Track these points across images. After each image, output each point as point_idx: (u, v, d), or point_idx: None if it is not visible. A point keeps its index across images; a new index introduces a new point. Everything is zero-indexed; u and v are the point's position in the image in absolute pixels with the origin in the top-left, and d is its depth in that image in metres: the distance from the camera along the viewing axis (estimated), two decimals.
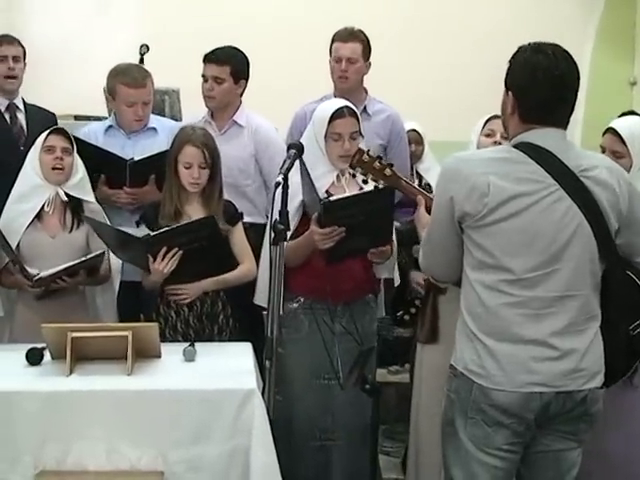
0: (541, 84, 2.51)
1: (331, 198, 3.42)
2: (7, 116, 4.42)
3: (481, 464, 2.59)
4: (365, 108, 4.51)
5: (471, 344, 2.57)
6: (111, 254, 3.73)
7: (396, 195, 3.84)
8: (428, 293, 3.59)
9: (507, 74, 2.61)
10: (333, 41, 4.53)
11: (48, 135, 3.68)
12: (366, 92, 4.59)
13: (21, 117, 4.45)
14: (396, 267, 3.79)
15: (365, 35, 4.53)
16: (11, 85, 4.42)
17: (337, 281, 3.50)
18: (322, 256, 3.45)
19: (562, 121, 2.57)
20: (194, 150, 3.63)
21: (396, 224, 3.73)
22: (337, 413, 3.60)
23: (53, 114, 4.59)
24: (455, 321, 2.68)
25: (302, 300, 3.62)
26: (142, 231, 3.64)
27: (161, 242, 3.46)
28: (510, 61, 2.60)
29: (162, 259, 3.46)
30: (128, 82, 4.12)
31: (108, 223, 3.76)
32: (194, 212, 3.67)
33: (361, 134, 3.61)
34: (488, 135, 3.54)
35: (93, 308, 3.83)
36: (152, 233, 3.49)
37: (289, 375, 3.61)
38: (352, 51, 4.46)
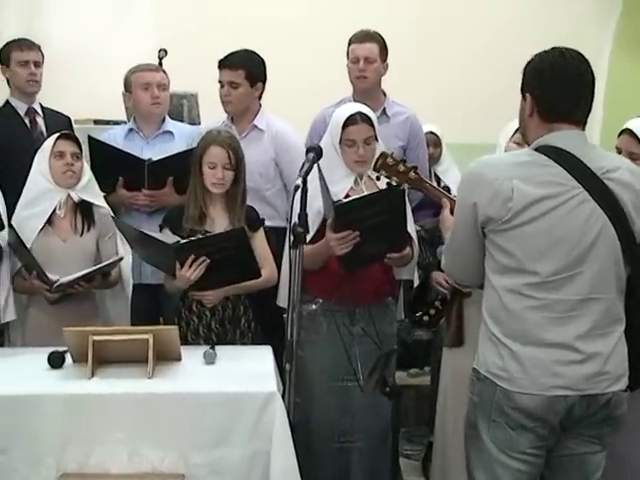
0: (559, 81, 2.52)
1: (342, 200, 3.42)
2: (27, 120, 4.44)
3: (504, 467, 2.58)
4: (384, 110, 4.52)
5: (494, 348, 2.57)
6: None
7: (417, 196, 3.85)
8: (453, 296, 3.59)
9: (523, 80, 2.62)
10: (350, 43, 4.54)
11: (57, 140, 3.69)
12: (384, 95, 4.59)
13: (40, 121, 4.47)
14: (415, 268, 3.79)
15: (381, 37, 4.53)
16: (33, 89, 4.45)
17: (356, 283, 3.50)
18: (340, 264, 3.46)
19: (581, 119, 2.57)
20: (219, 150, 3.64)
21: (416, 226, 3.73)
22: (356, 415, 3.60)
23: (68, 117, 4.61)
24: (480, 325, 2.68)
25: (321, 302, 3.62)
26: (166, 235, 3.65)
27: (190, 250, 3.45)
28: (525, 67, 2.61)
29: (190, 266, 3.46)
30: (142, 68, 4.28)
31: (118, 234, 3.76)
32: (217, 215, 3.69)
33: (376, 138, 3.61)
34: (518, 144, 3.51)
35: (104, 312, 3.84)
36: (182, 241, 3.48)
37: (308, 377, 3.61)
38: (369, 51, 4.47)
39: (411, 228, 3.66)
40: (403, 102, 4.63)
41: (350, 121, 3.56)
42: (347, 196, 3.56)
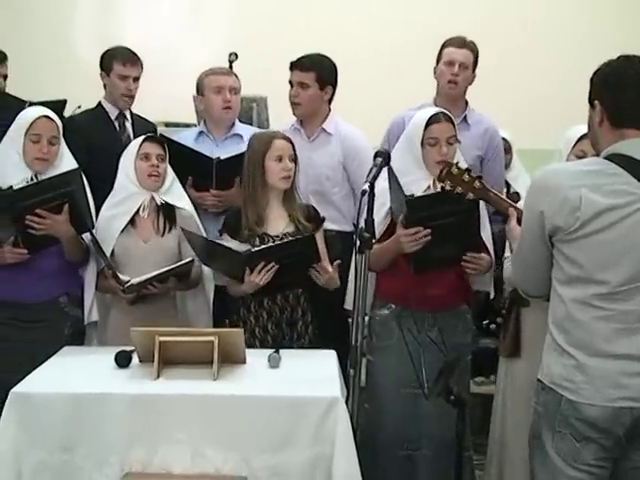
0: (627, 87, 2.48)
1: (415, 195, 3.40)
2: (116, 124, 4.50)
3: (569, 479, 2.54)
4: (465, 118, 4.48)
5: (560, 358, 2.53)
6: None
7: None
8: (511, 306, 3.55)
9: (590, 89, 2.57)
10: (444, 47, 4.51)
11: (143, 142, 3.75)
12: (467, 103, 4.57)
13: (128, 126, 4.51)
14: (492, 278, 3.74)
15: (476, 47, 4.52)
16: (126, 104, 4.49)
17: (425, 287, 3.49)
18: (409, 265, 3.43)
19: None
20: (283, 142, 3.66)
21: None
22: (425, 423, 3.56)
23: (154, 125, 4.67)
24: (538, 334, 2.65)
25: (394, 307, 3.60)
26: (226, 240, 3.67)
27: (261, 257, 3.47)
28: (592, 76, 2.57)
29: (259, 272, 3.47)
30: (214, 71, 4.32)
31: (203, 234, 3.78)
32: (276, 216, 3.69)
33: (457, 139, 3.60)
34: (579, 157, 3.44)
35: (183, 313, 3.87)
36: (254, 249, 3.50)
37: (378, 383, 3.62)
38: (465, 57, 4.46)
39: (488, 238, 3.63)
40: (483, 112, 4.60)
41: (433, 120, 3.56)
42: None
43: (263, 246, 3.54)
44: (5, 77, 4.61)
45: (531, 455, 2.67)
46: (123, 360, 3.17)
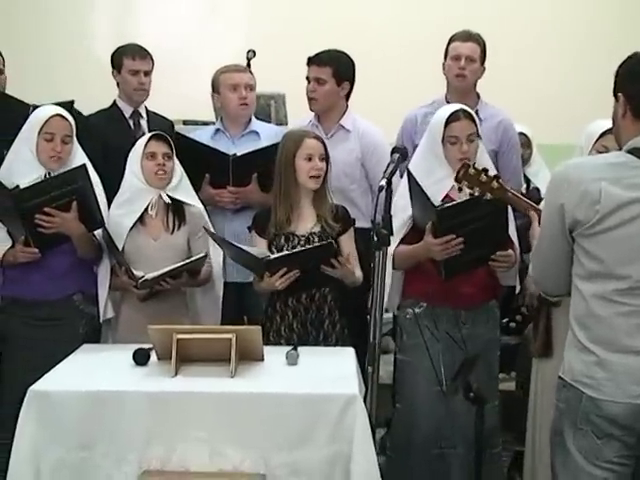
0: None
1: (445, 205, 3.38)
2: (131, 122, 4.52)
3: (590, 476, 2.52)
4: (477, 112, 4.43)
5: (581, 355, 2.51)
6: (212, 257, 3.77)
7: None
8: (541, 306, 3.52)
9: (615, 82, 2.55)
10: (451, 41, 4.48)
11: (149, 141, 3.74)
12: (478, 97, 4.53)
13: (144, 124, 4.52)
14: (517, 273, 3.72)
15: (483, 39, 4.48)
16: (140, 97, 4.52)
17: (455, 286, 3.47)
18: (437, 269, 3.43)
19: None
20: (314, 142, 3.66)
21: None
22: (457, 421, 3.52)
23: (171, 121, 4.67)
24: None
25: (425, 305, 3.59)
26: (253, 238, 3.67)
27: (281, 264, 3.47)
28: (617, 69, 2.54)
29: (280, 277, 3.47)
30: (229, 69, 4.30)
31: (212, 230, 3.78)
32: (304, 216, 3.68)
33: (479, 136, 3.58)
34: (601, 152, 3.39)
35: (193, 310, 3.87)
36: (272, 256, 3.50)
37: (409, 382, 3.60)
38: (472, 50, 4.42)
39: (513, 232, 3.60)
40: (496, 105, 4.57)
41: (453, 118, 3.54)
42: (446, 196, 3.54)
43: (280, 254, 3.53)
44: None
45: (552, 453, 2.65)
46: (141, 358, 3.17)
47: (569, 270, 2.57)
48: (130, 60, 4.48)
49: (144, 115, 4.56)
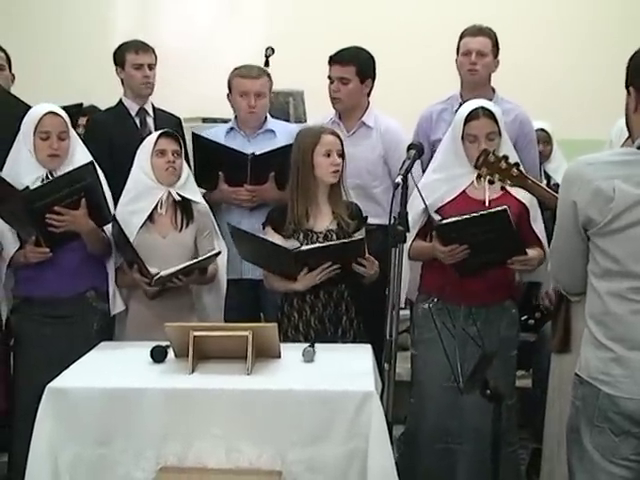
0: None
1: (443, 221, 3.41)
2: (137, 120, 4.51)
3: (606, 473, 2.50)
4: None
5: (597, 352, 2.49)
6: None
7: None
8: (560, 302, 3.51)
9: (626, 75, 2.52)
10: (462, 37, 4.47)
11: (158, 139, 3.75)
12: (494, 91, 4.50)
13: (150, 121, 4.52)
14: (546, 269, 3.70)
15: (494, 32, 4.45)
16: (147, 91, 4.51)
17: (468, 282, 3.47)
18: (454, 270, 3.45)
19: None
20: (332, 137, 3.66)
21: None
22: (466, 416, 3.54)
23: (178, 118, 4.66)
24: None
25: (436, 300, 3.59)
26: (269, 234, 3.67)
27: (311, 256, 3.49)
28: (628, 63, 2.52)
29: (321, 271, 3.50)
30: (241, 73, 4.26)
31: (217, 230, 3.80)
32: (321, 212, 3.69)
33: (500, 134, 3.57)
34: None
35: (200, 307, 3.88)
36: (304, 247, 3.52)
37: (421, 376, 3.59)
38: (482, 45, 4.39)
39: (541, 231, 3.59)
40: (515, 98, 4.54)
41: (473, 116, 3.54)
42: (462, 193, 3.56)
43: (313, 245, 3.54)
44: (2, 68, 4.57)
45: (569, 450, 2.63)
46: (159, 355, 3.18)
47: (585, 267, 2.56)
48: (133, 54, 4.46)
49: (150, 112, 4.55)
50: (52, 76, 5.07)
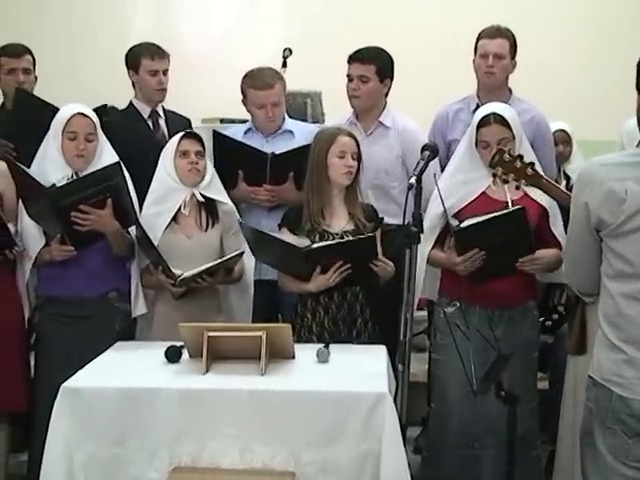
0: None
1: (462, 225, 3.41)
2: (150, 122, 4.50)
3: (620, 476, 2.48)
4: None
5: (610, 354, 2.48)
6: (244, 255, 3.77)
7: None
8: (576, 304, 3.49)
9: (637, 77, 2.51)
10: (479, 38, 4.45)
11: (181, 140, 3.76)
12: (510, 92, 4.49)
13: (162, 123, 4.52)
14: None
15: (512, 33, 4.44)
16: (160, 98, 4.50)
17: (489, 286, 3.47)
18: (466, 278, 3.44)
19: None
20: (347, 139, 3.66)
21: None
22: (489, 422, 3.51)
23: (188, 119, 4.65)
24: None
25: (458, 305, 3.59)
26: (285, 235, 3.67)
27: (320, 254, 3.49)
28: (638, 63, 2.51)
29: (334, 272, 3.50)
30: (255, 85, 4.20)
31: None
32: (336, 213, 3.69)
33: (513, 138, 3.55)
34: None
35: (227, 307, 3.88)
36: (314, 245, 3.52)
37: (442, 381, 3.59)
38: (500, 47, 4.38)
39: (561, 233, 3.56)
40: (534, 98, 4.52)
41: (484, 122, 3.55)
42: (482, 194, 3.56)
43: (323, 243, 3.54)
44: (26, 71, 4.55)
45: (582, 452, 2.62)
46: (173, 355, 3.19)
47: (598, 268, 2.55)
48: (149, 60, 4.42)
49: (162, 115, 4.54)
50: (72, 76, 5.08)
